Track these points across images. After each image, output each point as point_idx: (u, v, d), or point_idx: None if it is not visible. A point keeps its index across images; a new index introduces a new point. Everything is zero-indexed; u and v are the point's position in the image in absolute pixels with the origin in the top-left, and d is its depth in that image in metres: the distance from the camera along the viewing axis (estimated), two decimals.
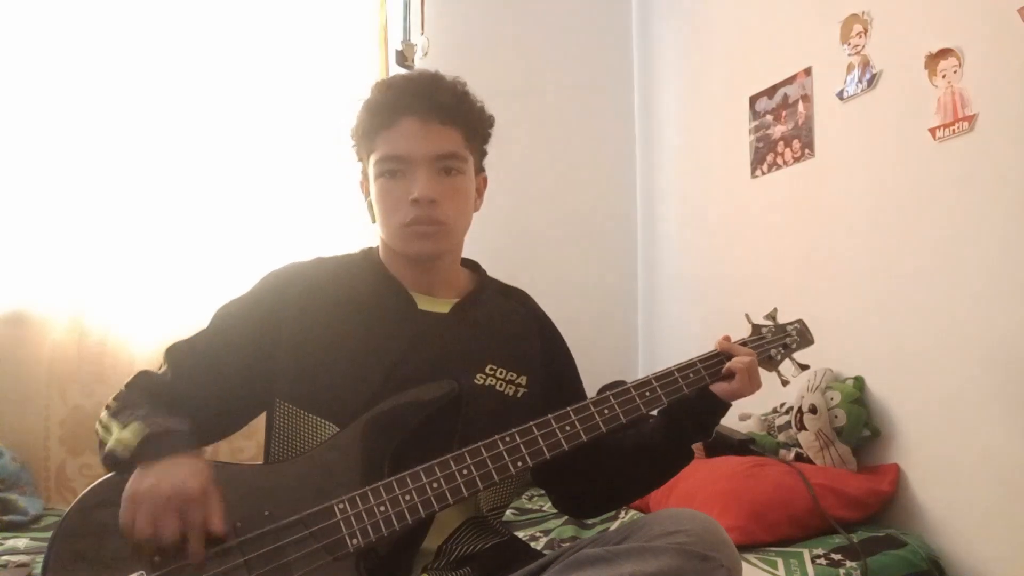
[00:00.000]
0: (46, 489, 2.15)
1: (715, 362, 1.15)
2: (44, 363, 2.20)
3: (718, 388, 1.13)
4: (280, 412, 1.09)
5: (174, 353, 1.10)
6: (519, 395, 1.14)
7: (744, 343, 1.23)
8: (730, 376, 1.12)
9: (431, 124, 1.08)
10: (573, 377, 1.26)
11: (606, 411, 1.06)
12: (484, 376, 1.12)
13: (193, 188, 2.40)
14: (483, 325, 1.17)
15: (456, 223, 1.13)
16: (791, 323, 1.30)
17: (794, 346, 1.28)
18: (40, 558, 1.56)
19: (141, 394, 1.05)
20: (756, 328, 1.27)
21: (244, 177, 2.46)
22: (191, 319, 2.34)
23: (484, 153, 1.20)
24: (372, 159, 1.12)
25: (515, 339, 1.19)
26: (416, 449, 1.01)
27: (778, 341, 1.26)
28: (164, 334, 2.32)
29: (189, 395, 1.05)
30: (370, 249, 1.22)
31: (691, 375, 1.13)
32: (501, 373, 1.14)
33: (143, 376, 1.09)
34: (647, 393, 1.09)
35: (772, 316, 1.29)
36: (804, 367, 1.27)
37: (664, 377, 1.12)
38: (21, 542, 1.70)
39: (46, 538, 1.75)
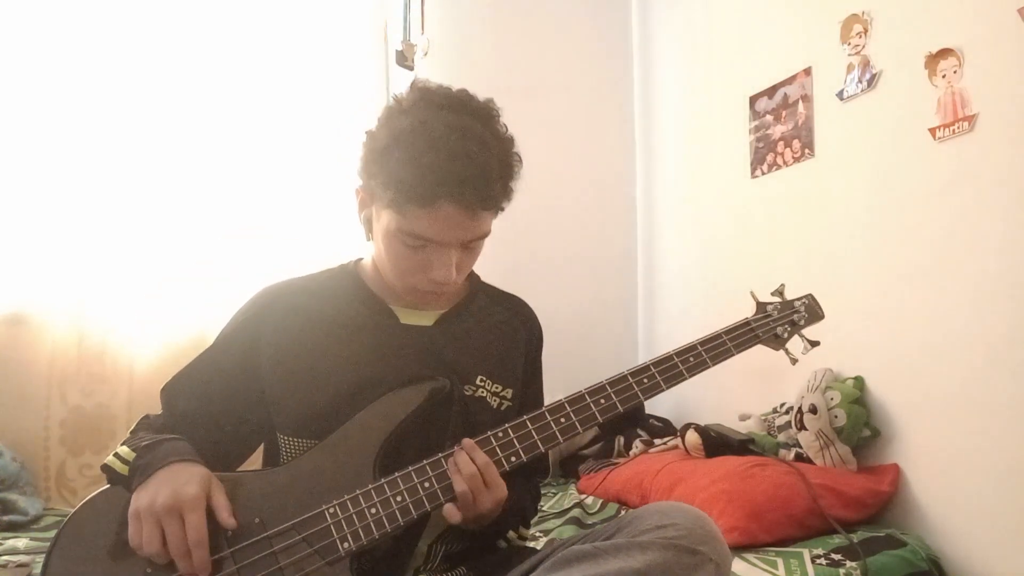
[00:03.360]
0: (46, 489, 2.15)
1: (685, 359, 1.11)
2: (44, 363, 2.20)
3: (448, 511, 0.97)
4: (269, 438, 1.10)
5: (166, 394, 1.11)
6: (503, 408, 1.13)
7: (732, 329, 1.16)
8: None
9: (471, 212, 0.99)
10: (536, 395, 1.22)
11: (602, 401, 1.04)
12: (474, 388, 1.11)
13: (193, 189, 2.40)
14: (470, 337, 1.14)
15: (464, 277, 1.10)
16: (799, 298, 1.25)
17: (802, 322, 1.22)
18: (40, 558, 1.57)
19: (145, 431, 1.06)
20: (761, 306, 1.22)
21: (243, 178, 2.46)
22: (190, 320, 2.36)
23: None
24: (394, 218, 1.01)
25: (503, 351, 1.17)
26: (410, 449, 1.00)
27: (784, 318, 1.21)
28: (164, 335, 2.33)
29: (184, 433, 1.05)
30: (346, 264, 1.19)
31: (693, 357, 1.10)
32: (489, 385, 1.12)
33: (144, 420, 1.10)
34: (645, 380, 1.07)
35: (780, 292, 1.24)
36: (814, 343, 1.21)
37: (662, 361, 1.09)
38: (21, 542, 1.70)
39: (46, 538, 1.77)
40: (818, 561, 1.58)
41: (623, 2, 3.17)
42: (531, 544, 1.21)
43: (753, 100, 2.47)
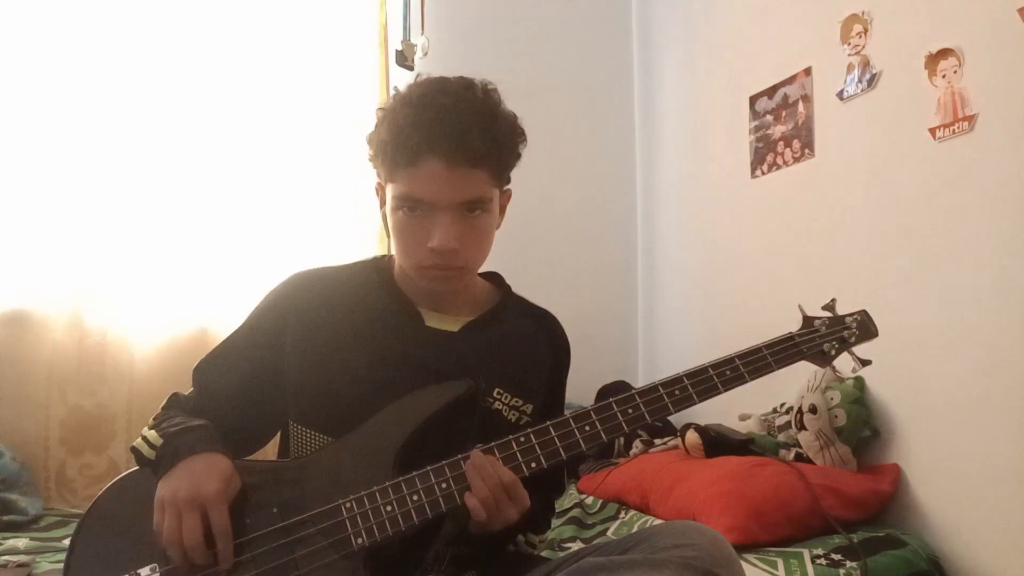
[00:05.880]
0: (46, 489, 2.15)
1: (725, 368, 1.06)
2: (44, 363, 2.20)
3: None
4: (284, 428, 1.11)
5: (198, 373, 1.12)
6: (521, 422, 1.11)
7: (774, 344, 1.11)
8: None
9: (457, 168, 0.99)
10: (555, 414, 1.19)
11: (630, 411, 1.01)
12: (492, 400, 1.10)
13: (192, 188, 2.40)
14: (494, 347, 1.12)
15: (475, 262, 1.08)
16: (851, 314, 1.18)
17: (852, 340, 1.16)
18: (40, 558, 1.57)
19: (176, 410, 1.08)
20: (808, 320, 1.16)
21: (243, 176, 2.46)
22: (191, 319, 2.36)
23: (513, 167, 1.11)
24: (390, 188, 1.04)
25: (527, 365, 1.15)
26: (429, 453, 0.99)
27: (833, 335, 1.15)
28: (164, 334, 2.33)
29: (213, 413, 1.06)
30: (380, 258, 1.19)
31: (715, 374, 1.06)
32: (506, 399, 1.10)
33: (174, 397, 1.11)
34: (677, 392, 1.03)
35: (830, 307, 1.19)
36: (866, 362, 1.16)
37: (696, 373, 1.05)
38: (21, 542, 1.70)
39: (46, 538, 1.77)
40: (818, 561, 1.58)
41: (623, 2, 3.18)
42: (539, 552, 1.20)
43: (753, 100, 2.47)
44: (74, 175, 2.28)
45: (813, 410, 1.93)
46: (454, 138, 0.98)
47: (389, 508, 0.94)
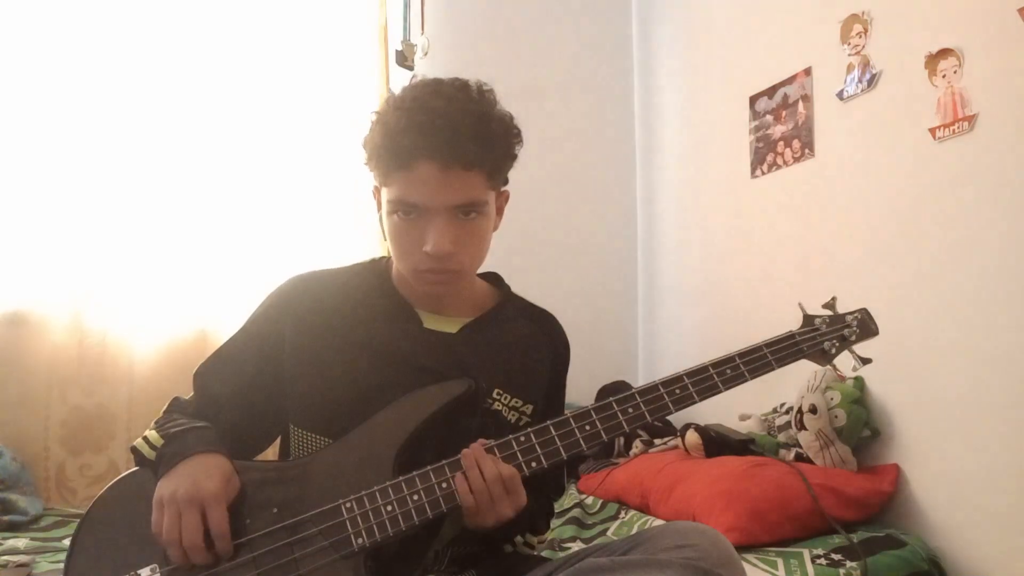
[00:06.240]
0: (46, 489, 2.15)
1: (726, 366, 1.07)
2: (44, 363, 2.20)
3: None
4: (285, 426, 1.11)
5: (198, 378, 1.12)
6: (521, 423, 1.10)
7: (775, 342, 1.11)
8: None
9: (450, 171, 0.98)
10: (556, 414, 1.18)
11: (630, 410, 1.01)
12: (491, 400, 1.09)
13: (192, 188, 2.40)
14: (493, 348, 1.12)
15: (472, 265, 1.08)
16: (852, 312, 1.19)
17: (853, 338, 1.16)
18: (40, 557, 1.58)
19: (177, 414, 1.08)
20: (808, 319, 1.16)
21: (243, 177, 2.46)
22: (190, 320, 2.36)
23: (509, 168, 1.09)
24: (385, 192, 1.05)
25: (526, 366, 1.14)
26: (429, 453, 1.00)
27: (834, 333, 1.15)
28: (164, 335, 2.33)
29: (214, 417, 1.07)
30: (378, 260, 1.19)
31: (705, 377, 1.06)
32: (506, 399, 1.10)
33: (175, 401, 1.11)
34: (677, 391, 1.04)
35: (831, 305, 1.19)
36: (866, 361, 1.17)
37: (696, 372, 1.06)
38: (21, 542, 1.70)
39: (46, 538, 1.77)
40: (818, 561, 1.58)
41: (623, 2, 3.18)
42: (537, 552, 1.20)
43: (753, 100, 2.47)
44: (75, 176, 2.27)
45: (813, 410, 1.93)
46: (446, 141, 0.98)
47: (389, 508, 0.94)
